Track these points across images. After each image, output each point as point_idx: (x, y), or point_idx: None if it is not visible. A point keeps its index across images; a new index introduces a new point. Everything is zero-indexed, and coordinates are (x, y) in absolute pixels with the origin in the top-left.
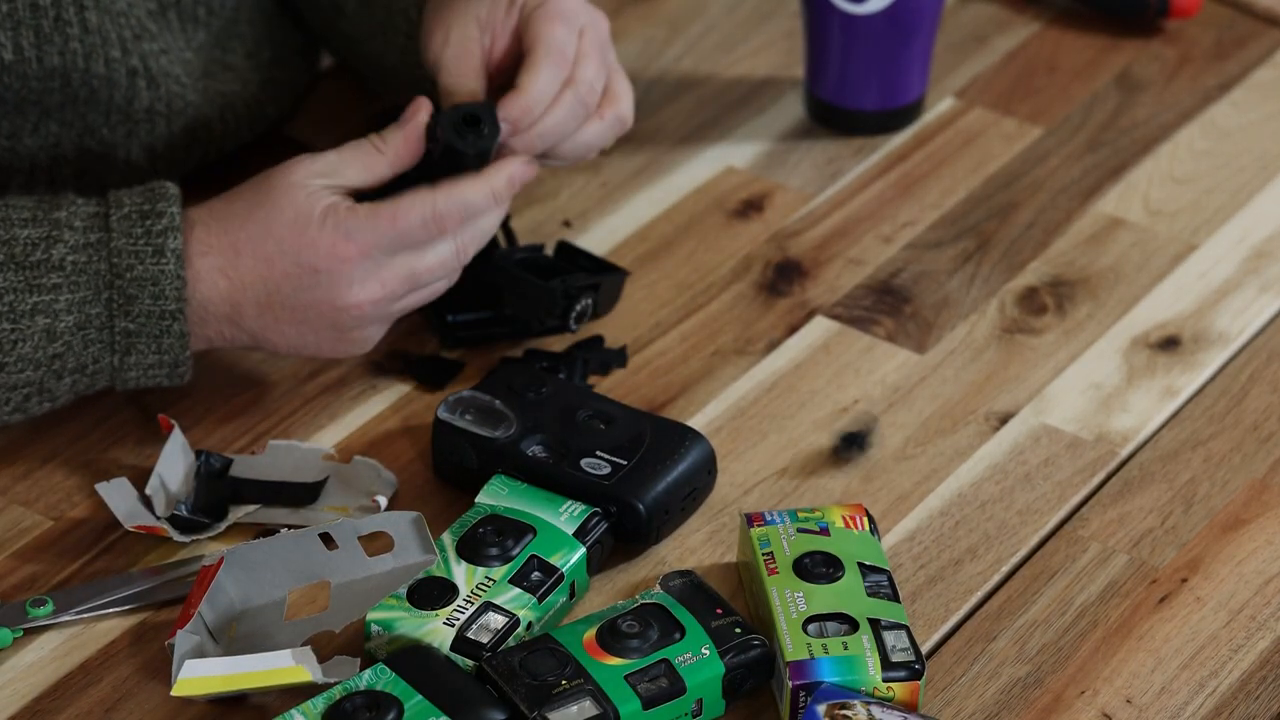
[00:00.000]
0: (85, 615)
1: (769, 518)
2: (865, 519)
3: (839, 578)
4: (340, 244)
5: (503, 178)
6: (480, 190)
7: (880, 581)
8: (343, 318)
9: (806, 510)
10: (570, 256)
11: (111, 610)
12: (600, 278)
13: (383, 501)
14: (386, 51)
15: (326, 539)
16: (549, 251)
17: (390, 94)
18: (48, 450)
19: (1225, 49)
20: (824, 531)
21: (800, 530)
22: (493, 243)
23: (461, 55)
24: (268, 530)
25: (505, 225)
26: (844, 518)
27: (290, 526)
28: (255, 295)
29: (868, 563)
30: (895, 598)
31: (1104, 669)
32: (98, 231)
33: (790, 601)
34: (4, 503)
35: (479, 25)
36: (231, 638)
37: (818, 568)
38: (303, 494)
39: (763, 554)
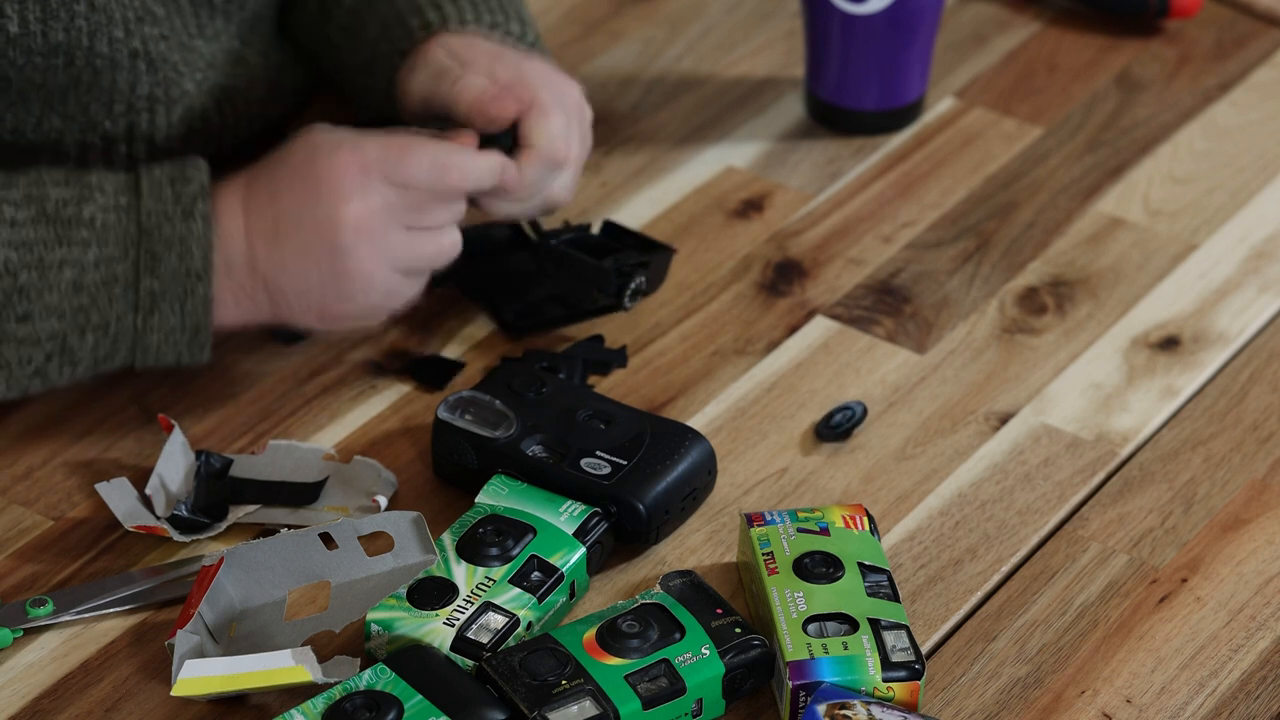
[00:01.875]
0: (85, 615)
1: (769, 518)
2: (865, 519)
3: (839, 578)
4: (345, 155)
5: (503, 163)
6: (480, 159)
7: (880, 581)
8: (339, 236)
9: (806, 510)
10: (616, 235)
11: (111, 610)
12: (649, 256)
13: (383, 501)
14: (372, 86)
15: (326, 539)
16: (595, 230)
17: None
18: (48, 450)
19: (1225, 49)
20: (824, 531)
21: (800, 530)
22: (537, 227)
23: (468, 49)
24: (268, 530)
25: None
26: (844, 518)
27: (290, 526)
28: (268, 226)
29: (868, 563)
30: (895, 598)
31: (1104, 669)
32: (128, 194)
33: (790, 601)
34: (4, 503)
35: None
36: (231, 638)
37: (818, 568)
38: (303, 494)
39: (763, 554)
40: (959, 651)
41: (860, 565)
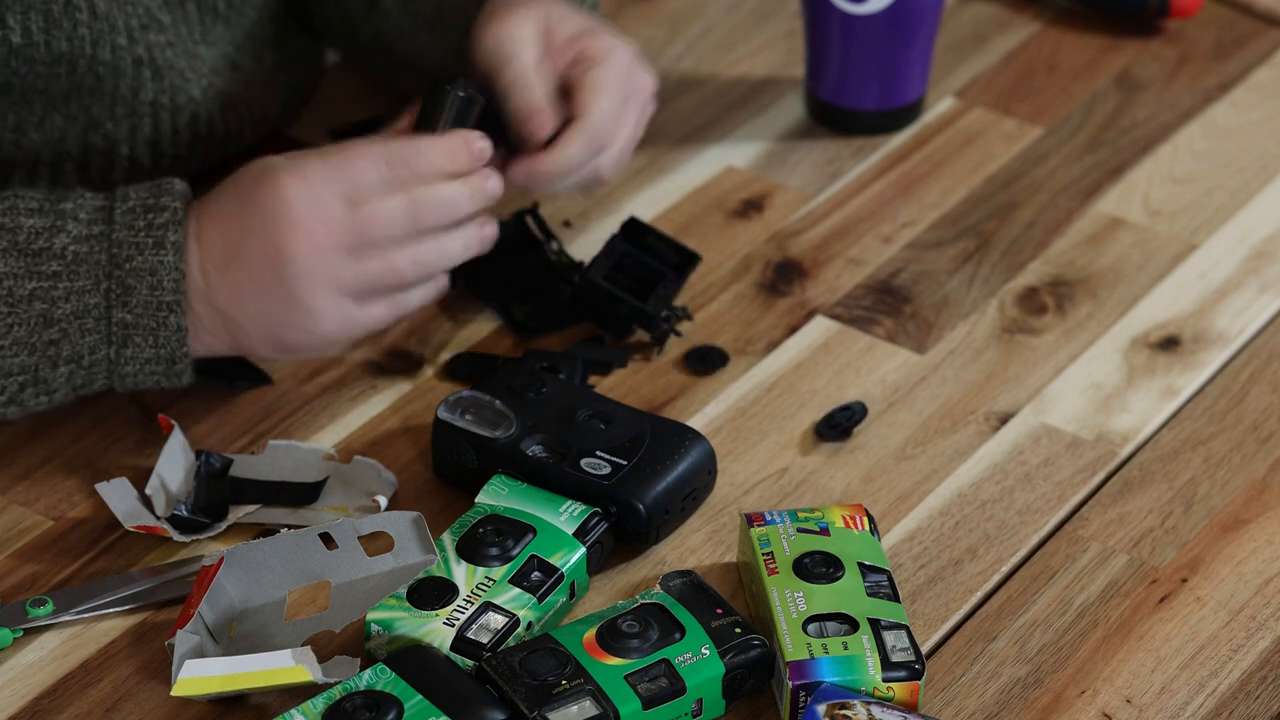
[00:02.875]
0: (85, 615)
1: (769, 518)
2: (865, 519)
3: (839, 578)
4: (287, 179)
5: (459, 139)
6: (435, 142)
7: (880, 581)
8: (287, 268)
9: (806, 510)
10: (641, 234)
11: (111, 610)
12: (679, 283)
13: (383, 501)
14: (431, 49)
15: (326, 539)
16: (616, 229)
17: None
18: (48, 450)
19: (1225, 49)
20: (824, 531)
21: (800, 530)
22: (539, 219)
23: (519, 42)
24: (268, 530)
25: (535, 213)
26: (844, 518)
27: (290, 526)
28: (218, 255)
29: (868, 563)
30: (895, 598)
31: (1104, 669)
32: (101, 224)
33: (790, 601)
34: (4, 503)
35: (536, 30)
36: (231, 638)
37: (818, 568)
38: (303, 494)
39: (763, 554)
40: (959, 651)
41: (860, 565)
